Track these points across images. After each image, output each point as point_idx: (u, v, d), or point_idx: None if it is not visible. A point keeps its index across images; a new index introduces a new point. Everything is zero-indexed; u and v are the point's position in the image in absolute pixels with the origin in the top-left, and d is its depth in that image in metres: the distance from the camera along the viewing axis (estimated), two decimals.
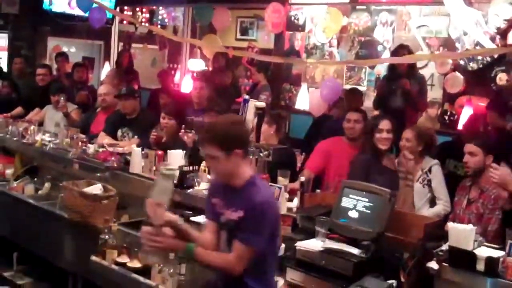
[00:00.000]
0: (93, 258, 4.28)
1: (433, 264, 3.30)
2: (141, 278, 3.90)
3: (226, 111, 5.61)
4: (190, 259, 3.04)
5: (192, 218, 4.38)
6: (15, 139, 6.40)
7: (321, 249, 3.36)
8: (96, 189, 4.74)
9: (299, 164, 5.66)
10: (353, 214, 3.50)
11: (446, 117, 6.02)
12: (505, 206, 4.04)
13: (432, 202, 4.68)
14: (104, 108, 6.69)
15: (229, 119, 3.07)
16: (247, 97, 4.61)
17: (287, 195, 4.14)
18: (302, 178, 4.20)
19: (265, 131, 4.74)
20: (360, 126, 5.05)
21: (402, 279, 3.37)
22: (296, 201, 4.18)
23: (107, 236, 4.28)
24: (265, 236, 2.84)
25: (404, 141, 4.78)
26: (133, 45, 11.13)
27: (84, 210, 4.62)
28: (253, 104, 4.41)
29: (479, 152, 4.31)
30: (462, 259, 3.25)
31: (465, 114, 6.11)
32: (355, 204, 3.52)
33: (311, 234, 3.57)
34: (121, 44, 10.88)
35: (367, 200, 3.48)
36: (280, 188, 4.00)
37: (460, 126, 5.95)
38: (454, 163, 5.18)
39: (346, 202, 3.56)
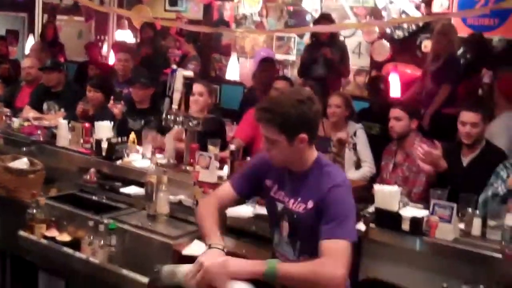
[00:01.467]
0: (21, 233, 4.18)
1: (360, 226, 3.38)
2: (71, 251, 3.85)
3: (152, 83, 5.54)
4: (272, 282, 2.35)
5: (121, 190, 4.36)
6: None
7: (252, 215, 3.39)
8: (21, 163, 4.61)
9: (230, 134, 5.67)
10: None
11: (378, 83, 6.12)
12: (430, 178, 4.11)
13: (357, 165, 4.79)
14: (28, 81, 6.52)
15: (294, 94, 2.49)
16: (175, 67, 4.58)
17: (217, 164, 4.14)
18: (232, 147, 4.20)
19: (195, 101, 4.70)
20: None
21: None
22: (226, 169, 4.19)
23: (34, 210, 4.18)
24: (353, 221, 2.43)
25: (333, 108, 4.85)
26: (58, 17, 10.77)
27: (10, 185, 4.49)
28: (181, 73, 4.38)
29: (404, 117, 4.42)
30: (388, 220, 3.35)
31: (392, 80, 6.25)
32: None
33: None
34: (45, 16, 10.55)
35: None
36: (210, 157, 3.99)
37: (392, 93, 6.09)
38: (367, 124, 5.34)
39: None
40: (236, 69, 7.81)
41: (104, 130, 4.86)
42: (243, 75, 7.70)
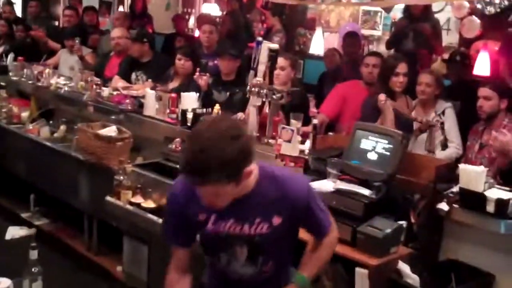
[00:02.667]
0: (108, 198, 4.36)
1: (443, 206, 3.32)
2: (155, 218, 3.98)
3: (240, 55, 5.58)
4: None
5: None
6: (30, 82, 6.45)
7: (332, 189, 3.38)
8: (110, 131, 4.78)
9: (312, 109, 5.65)
10: (365, 155, 3.50)
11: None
12: (502, 167, 3.98)
13: (444, 145, 4.67)
14: (117, 52, 6.68)
15: (223, 137, 1.99)
16: (260, 39, 4.58)
17: (299, 138, 4.15)
18: (315, 121, 4.19)
19: (279, 74, 4.70)
20: (377, 70, 5.00)
21: (412, 220, 3.42)
22: (308, 143, 4.20)
23: (121, 177, 4.35)
24: (327, 210, 2.41)
25: (423, 86, 4.71)
26: None
27: (99, 152, 4.68)
28: (266, 46, 4.38)
29: (494, 96, 4.29)
30: (472, 201, 3.27)
31: (481, 59, 6.03)
32: (367, 146, 3.51)
33: (323, 176, 3.57)
34: None
35: (379, 141, 3.48)
36: (292, 130, 4.00)
37: (476, 71, 5.89)
38: None
39: (358, 143, 3.56)
40: (321, 43, 7.74)
41: (190, 100, 4.94)
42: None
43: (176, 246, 2.41)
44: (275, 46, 4.45)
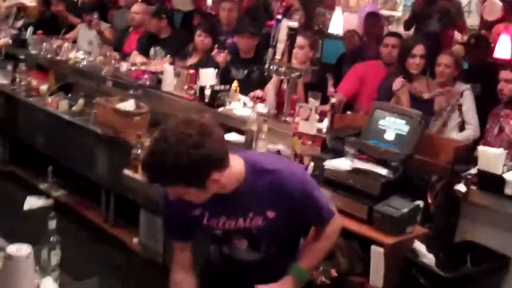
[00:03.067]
0: (125, 171, 4.39)
1: (461, 187, 3.32)
2: None
3: (259, 33, 5.56)
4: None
5: None
6: (49, 56, 6.48)
7: (349, 168, 3.38)
8: (128, 105, 4.81)
9: (330, 89, 5.63)
10: (383, 135, 3.49)
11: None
12: None
13: (461, 127, 4.64)
14: (136, 27, 6.69)
15: (184, 144, 1.91)
16: (279, 17, 4.57)
17: (317, 117, 4.15)
18: (333, 100, 4.18)
19: (298, 53, 4.68)
20: (396, 51, 4.97)
21: (429, 201, 3.41)
22: (326, 122, 4.20)
23: (139, 151, 4.38)
24: (327, 198, 2.38)
25: (443, 67, 4.67)
26: None
27: (117, 126, 4.72)
28: (285, 24, 4.38)
29: None
30: (491, 183, 3.26)
31: (502, 42, 5.97)
32: (385, 126, 3.50)
33: (340, 155, 3.58)
34: None
35: (397, 121, 3.46)
36: (310, 108, 4.00)
37: (496, 54, 5.84)
38: None
39: (376, 123, 3.55)
40: (340, 23, 7.70)
41: (208, 77, 4.95)
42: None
43: (177, 241, 2.37)
44: (294, 24, 4.43)
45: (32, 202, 5.43)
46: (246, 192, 2.14)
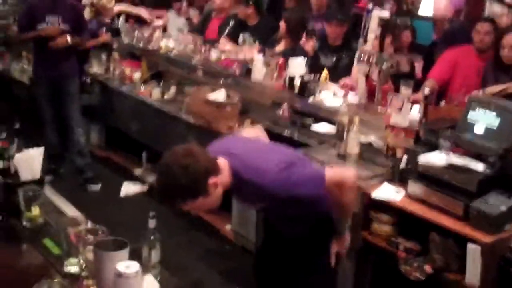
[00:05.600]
0: None
1: None
2: None
3: (347, 20, 5.50)
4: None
5: (313, 127, 4.48)
6: (141, 45, 6.66)
7: (445, 163, 3.33)
8: (220, 95, 4.89)
9: (418, 72, 5.51)
10: (480, 129, 3.40)
11: None
12: None
13: None
14: (217, 12, 6.74)
15: (175, 169, 2.31)
16: (370, 6, 4.51)
17: (409, 106, 4.10)
18: (426, 90, 4.10)
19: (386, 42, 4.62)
20: (490, 38, 4.81)
21: None
22: (416, 109, 4.14)
23: None
24: (309, 168, 2.59)
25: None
26: None
27: (208, 116, 4.81)
28: (376, 14, 4.32)
29: None
30: None
31: None
32: (482, 119, 3.42)
33: (434, 148, 3.52)
34: None
35: (495, 115, 3.37)
36: (403, 100, 3.96)
37: None
38: None
39: (472, 116, 3.47)
40: (430, 4, 7.49)
41: (297, 66, 4.97)
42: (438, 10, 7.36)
43: None
44: (385, 14, 4.37)
45: (128, 188, 5.65)
46: (238, 195, 2.57)
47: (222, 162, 2.43)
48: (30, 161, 2.47)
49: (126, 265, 1.60)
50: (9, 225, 2.39)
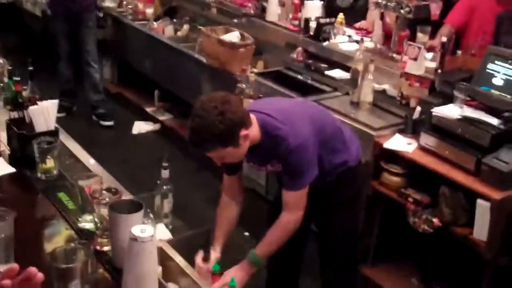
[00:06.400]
0: None
1: None
2: None
3: None
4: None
5: (326, 72, 4.44)
6: None
7: (458, 116, 3.30)
8: (233, 36, 4.82)
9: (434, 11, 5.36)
10: (497, 81, 3.37)
11: None
12: None
13: None
14: None
15: (211, 108, 2.33)
16: None
17: (426, 53, 4.04)
18: (444, 39, 4.02)
19: None
20: None
21: None
22: (431, 55, 4.08)
23: (244, 85, 4.44)
24: (310, 171, 2.57)
25: None
26: None
27: (222, 57, 4.76)
28: None
29: None
30: None
31: None
32: (500, 72, 3.37)
33: (449, 99, 3.49)
34: None
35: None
36: (419, 47, 3.90)
37: None
38: None
39: (490, 68, 3.42)
40: None
41: (313, 8, 4.88)
42: None
43: (225, 173, 2.79)
44: None
45: (140, 126, 5.68)
46: (262, 149, 2.53)
47: (253, 117, 2.48)
48: (45, 113, 2.47)
49: (141, 229, 1.63)
50: (24, 176, 2.41)
